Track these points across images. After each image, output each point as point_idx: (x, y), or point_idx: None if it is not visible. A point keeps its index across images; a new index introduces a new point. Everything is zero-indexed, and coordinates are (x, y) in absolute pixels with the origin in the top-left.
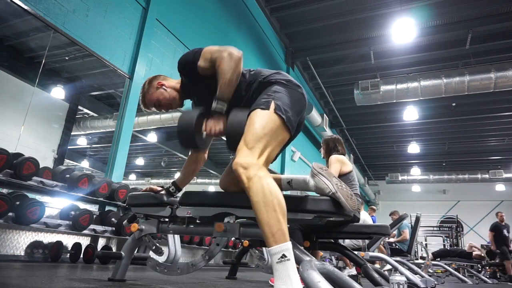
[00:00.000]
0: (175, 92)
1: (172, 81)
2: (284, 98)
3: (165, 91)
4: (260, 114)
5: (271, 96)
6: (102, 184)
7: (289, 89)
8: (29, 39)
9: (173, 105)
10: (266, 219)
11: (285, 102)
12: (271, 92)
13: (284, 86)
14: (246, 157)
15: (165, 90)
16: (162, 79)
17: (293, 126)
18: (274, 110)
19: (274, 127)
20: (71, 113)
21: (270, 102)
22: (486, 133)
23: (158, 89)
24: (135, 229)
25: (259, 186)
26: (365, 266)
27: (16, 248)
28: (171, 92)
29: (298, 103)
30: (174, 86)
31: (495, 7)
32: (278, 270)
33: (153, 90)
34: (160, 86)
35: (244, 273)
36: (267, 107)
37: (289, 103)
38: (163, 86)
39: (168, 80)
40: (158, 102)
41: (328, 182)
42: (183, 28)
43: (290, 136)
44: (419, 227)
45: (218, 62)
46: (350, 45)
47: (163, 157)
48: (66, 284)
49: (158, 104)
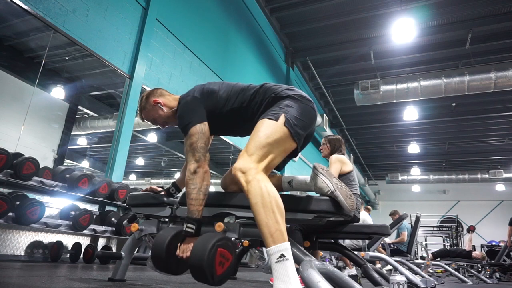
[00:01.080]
0: (171, 111)
1: (169, 99)
2: (294, 112)
3: (161, 109)
4: (266, 124)
5: (282, 109)
6: (102, 184)
7: (300, 103)
8: (29, 39)
9: (169, 123)
10: (264, 220)
11: (295, 116)
12: (283, 106)
13: (296, 100)
14: (245, 162)
15: (160, 108)
16: (159, 95)
17: (300, 139)
18: (284, 123)
19: (278, 138)
20: (71, 113)
21: (280, 115)
22: (486, 133)
23: (154, 106)
24: (135, 229)
25: (257, 188)
26: (365, 266)
27: (16, 248)
28: (167, 110)
29: (308, 117)
30: (171, 104)
31: (495, 7)
32: (277, 270)
33: (149, 107)
34: (155, 104)
35: (244, 273)
36: (275, 119)
37: (299, 117)
38: (159, 104)
39: (165, 97)
40: (154, 120)
41: (328, 182)
42: (183, 28)
43: (296, 147)
44: (419, 227)
45: (186, 174)
46: (350, 45)
47: (163, 157)
48: (66, 284)
49: (154, 121)
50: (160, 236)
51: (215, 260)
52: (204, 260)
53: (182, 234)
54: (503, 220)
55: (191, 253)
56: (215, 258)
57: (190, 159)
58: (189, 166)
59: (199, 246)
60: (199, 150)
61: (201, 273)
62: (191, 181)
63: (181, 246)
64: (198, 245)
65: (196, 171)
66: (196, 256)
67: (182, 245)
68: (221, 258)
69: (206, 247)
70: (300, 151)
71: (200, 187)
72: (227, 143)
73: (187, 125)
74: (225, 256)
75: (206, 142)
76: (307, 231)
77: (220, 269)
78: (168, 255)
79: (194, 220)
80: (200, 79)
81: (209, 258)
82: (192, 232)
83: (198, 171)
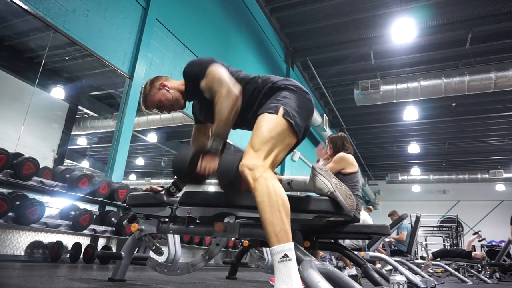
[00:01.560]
0: (178, 93)
1: (174, 82)
2: (293, 104)
3: (168, 92)
4: (267, 118)
5: (280, 101)
6: (102, 184)
7: (298, 95)
8: (29, 39)
9: (175, 106)
10: (270, 219)
11: (294, 108)
12: (280, 98)
13: (293, 92)
14: (252, 159)
15: (167, 91)
16: (164, 79)
17: (301, 131)
18: (283, 115)
19: (281, 131)
20: (71, 113)
21: (279, 107)
22: (486, 133)
23: (160, 89)
24: (135, 229)
25: (264, 186)
26: (365, 266)
27: (16, 248)
28: (174, 93)
29: (306, 109)
30: (177, 87)
31: (495, 7)
32: (279, 270)
33: (155, 91)
34: (162, 87)
35: (244, 273)
36: (275, 112)
37: (298, 109)
38: (166, 87)
39: (171, 81)
40: (160, 103)
41: (327, 182)
42: (183, 28)
43: (297, 140)
44: (419, 227)
45: (217, 97)
46: (350, 45)
47: (163, 157)
48: (66, 284)
49: (160, 105)
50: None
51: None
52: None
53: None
54: (503, 220)
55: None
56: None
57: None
58: (221, 90)
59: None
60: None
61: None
62: (225, 101)
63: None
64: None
65: (230, 91)
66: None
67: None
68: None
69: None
70: (299, 143)
71: (232, 109)
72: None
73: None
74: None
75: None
76: (307, 231)
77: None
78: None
79: (222, 139)
80: None
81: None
82: (218, 150)
83: (232, 93)
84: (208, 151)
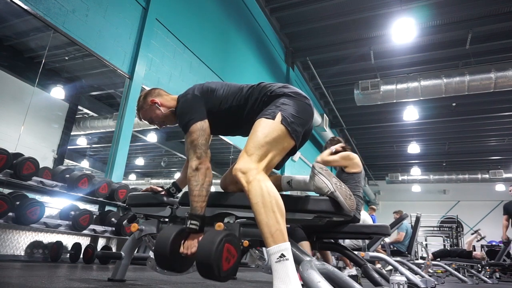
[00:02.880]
0: (169, 111)
1: (167, 99)
2: (291, 110)
3: (158, 109)
4: (264, 123)
5: (279, 107)
6: (102, 184)
7: (297, 101)
8: (29, 39)
9: (166, 122)
10: (265, 220)
11: (292, 114)
12: (279, 104)
13: (292, 98)
14: (245, 162)
15: (157, 108)
16: (157, 95)
17: (298, 137)
18: (281, 121)
19: (277, 137)
20: (71, 113)
21: (277, 113)
22: (486, 133)
23: (151, 106)
24: (135, 229)
25: (258, 188)
26: (365, 266)
27: (16, 248)
28: (164, 110)
29: (304, 114)
30: (169, 104)
31: (495, 7)
32: (277, 270)
33: (146, 107)
34: (153, 104)
35: (244, 273)
36: (272, 117)
37: (296, 114)
38: (156, 104)
39: (163, 97)
40: (151, 119)
41: (327, 182)
42: (183, 28)
43: (294, 145)
44: (419, 227)
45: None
46: (350, 45)
47: (163, 157)
48: (66, 284)
49: (151, 121)
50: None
51: (222, 255)
52: (212, 254)
53: (186, 231)
54: None
55: (199, 248)
56: (222, 253)
57: (192, 156)
58: (191, 163)
59: (207, 241)
60: (200, 147)
61: (208, 268)
62: (193, 178)
63: (185, 243)
64: (206, 239)
65: (198, 167)
66: (203, 251)
67: (187, 242)
68: (227, 254)
69: (214, 241)
70: (299, 148)
71: (202, 183)
72: (227, 143)
73: (188, 123)
74: (231, 252)
75: (207, 139)
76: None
77: (227, 265)
78: (172, 253)
79: (197, 217)
80: (200, 79)
81: (217, 253)
82: (196, 229)
83: (200, 167)
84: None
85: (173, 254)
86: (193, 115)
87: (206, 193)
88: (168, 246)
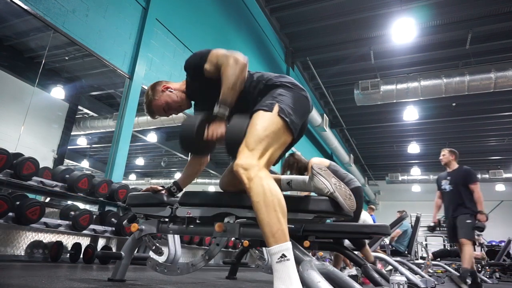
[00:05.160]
0: (182, 93)
1: (176, 84)
2: (288, 101)
3: (172, 93)
4: (262, 116)
5: (276, 98)
6: (102, 184)
7: (294, 92)
8: (29, 39)
9: (182, 106)
10: (266, 219)
11: (289, 105)
12: (276, 95)
13: (289, 89)
14: (247, 158)
15: (171, 92)
16: (165, 82)
17: (296, 129)
18: (278, 113)
19: (276, 130)
20: (71, 113)
21: (274, 105)
22: (486, 133)
23: (164, 92)
24: (135, 229)
25: (259, 186)
26: (365, 266)
27: (16, 248)
28: (178, 93)
29: (302, 106)
30: (180, 88)
31: (495, 7)
32: (277, 270)
33: (159, 95)
34: (165, 89)
35: (244, 273)
36: (270, 109)
37: (293, 106)
38: (169, 88)
39: (172, 83)
40: (168, 105)
41: (327, 182)
42: (183, 28)
43: (292, 139)
44: (419, 227)
45: (224, 67)
46: (350, 45)
47: (163, 157)
48: (66, 284)
49: (168, 107)
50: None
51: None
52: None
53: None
54: (503, 220)
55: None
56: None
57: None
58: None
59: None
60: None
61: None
62: (232, 69)
63: (210, 127)
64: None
65: (237, 60)
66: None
67: (212, 126)
68: None
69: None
70: (296, 142)
71: (239, 75)
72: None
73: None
74: None
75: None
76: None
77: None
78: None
79: (228, 105)
80: None
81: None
82: (224, 114)
83: (239, 61)
84: (215, 118)
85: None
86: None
87: (238, 88)
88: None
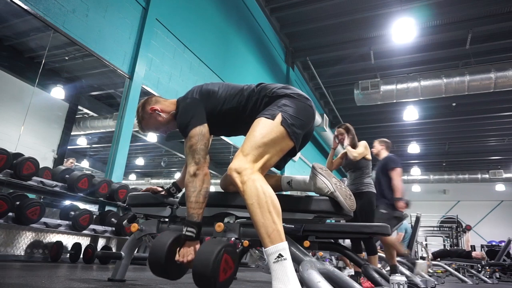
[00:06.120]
0: (170, 115)
1: (166, 104)
2: (292, 111)
3: (159, 115)
4: (262, 123)
5: (279, 108)
6: (102, 184)
7: (298, 102)
8: (29, 39)
9: (170, 127)
10: (261, 221)
11: (292, 115)
12: (280, 105)
13: (293, 99)
14: (240, 162)
15: (159, 114)
16: (154, 102)
17: (298, 139)
18: (281, 122)
19: (275, 138)
20: (71, 113)
21: (277, 114)
22: (486, 133)
23: (151, 114)
24: (135, 229)
25: (253, 189)
26: (365, 266)
27: (16, 248)
28: (166, 116)
29: (306, 115)
30: (169, 109)
31: (495, 7)
32: (275, 270)
33: (147, 116)
34: (153, 112)
35: (244, 273)
36: (272, 117)
37: (297, 116)
38: (156, 111)
39: (162, 103)
40: (155, 128)
41: (327, 182)
42: (183, 28)
43: (293, 146)
44: (419, 227)
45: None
46: (350, 45)
47: (163, 157)
48: (66, 284)
49: (155, 129)
50: (158, 240)
51: (220, 266)
52: (210, 265)
53: (182, 238)
54: (503, 220)
55: (197, 257)
56: (220, 264)
57: (190, 162)
58: (189, 168)
59: (206, 250)
60: (198, 152)
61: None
62: (190, 183)
63: (181, 250)
64: (205, 249)
65: (196, 173)
66: (201, 260)
67: (182, 249)
68: (225, 265)
69: (213, 251)
70: (299, 150)
71: (200, 190)
72: (227, 143)
73: (187, 127)
74: (229, 263)
75: (206, 144)
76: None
77: (223, 276)
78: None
79: (194, 224)
80: (200, 79)
81: (215, 264)
82: (192, 236)
83: (198, 173)
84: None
85: (168, 261)
86: (192, 119)
87: (203, 200)
88: (163, 253)
